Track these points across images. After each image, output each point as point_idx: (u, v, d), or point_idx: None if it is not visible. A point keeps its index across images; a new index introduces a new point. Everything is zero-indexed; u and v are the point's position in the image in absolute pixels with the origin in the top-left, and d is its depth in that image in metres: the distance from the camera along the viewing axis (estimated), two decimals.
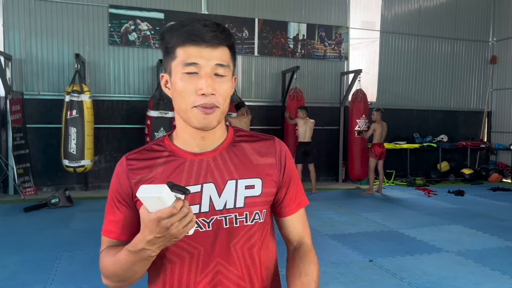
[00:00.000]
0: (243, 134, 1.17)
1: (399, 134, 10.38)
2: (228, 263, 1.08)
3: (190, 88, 1.00)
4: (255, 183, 1.10)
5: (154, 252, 0.96)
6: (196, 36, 1.00)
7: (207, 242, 1.06)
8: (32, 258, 4.23)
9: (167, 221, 0.88)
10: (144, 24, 8.47)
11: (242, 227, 1.08)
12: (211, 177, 1.07)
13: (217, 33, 1.01)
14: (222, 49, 1.02)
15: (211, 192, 1.06)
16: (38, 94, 7.93)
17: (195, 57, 1.00)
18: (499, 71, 11.21)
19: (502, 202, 7.62)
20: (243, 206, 1.08)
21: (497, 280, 3.84)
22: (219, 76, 1.02)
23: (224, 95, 1.03)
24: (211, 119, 1.02)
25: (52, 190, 7.77)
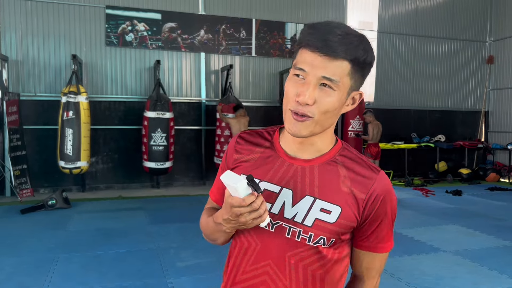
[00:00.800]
0: (349, 156, 1.11)
1: (396, 134, 10.39)
2: (278, 269, 1.10)
3: (292, 91, 1.02)
4: (332, 209, 1.06)
5: (228, 229, 1.07)
6: (315, 42, 0.98)
7: (266, 241, 1.10)
8: (29, 260, 4.21)
9: (237, 209, 0.97)
10: (141, 25, 8.46)
11: (302, 244, 1.07)
12: (293, 184, 1.08)
13: (339, 44, 0.97)
14: (339, 62, 0.97)
15: (286, 198, 1.08)
16: (35, 95, 7.91)
17: (305, 63, 1.00)
18: (496, 71, 11.23)
19: (499, 201, 7.64)
20: (310, 226, 1.06)
21: (494, 280, 3.84)
22: (326, 87, 0.99)
23: (323, 108, 1.00)
24: (300, 127, 1.02)
25: (49, 191, 7.75)
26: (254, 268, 1.12)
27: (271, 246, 1.09)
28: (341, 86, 0.99)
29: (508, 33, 10.81)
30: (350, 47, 0.97)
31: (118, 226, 5.60)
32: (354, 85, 1.03)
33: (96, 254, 4.43)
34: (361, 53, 0.99)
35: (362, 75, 1.03)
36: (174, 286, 3.61)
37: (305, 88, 0.99)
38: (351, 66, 0.99)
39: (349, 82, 1.01)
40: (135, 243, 4.83)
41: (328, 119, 1.03)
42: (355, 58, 0.98)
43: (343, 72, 0.98)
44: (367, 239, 1.11)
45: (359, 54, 0.99)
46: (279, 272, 1.09)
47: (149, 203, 7.14)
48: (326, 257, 1.08)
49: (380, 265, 1.17)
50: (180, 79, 8.84)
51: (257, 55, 9.28)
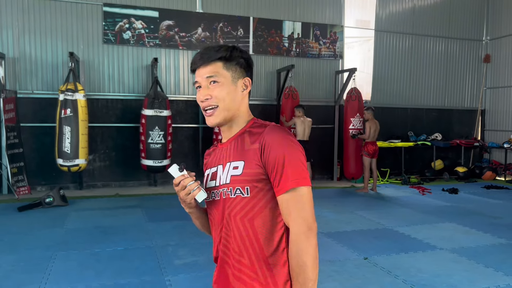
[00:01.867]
0: (254, 125, 1.42)
1: (393, 132, 10.42)
2: (226, 228, 1.40)
3: (198, 99, 1.43)
4: (239, 165, 1.36)
5: (186, 209, 1.48)
6: (192, 66, 1.43)
7: (216, 208, 1.43)
8: (27, 258, 4.21)
9: (175, 188, 1.38)
10: (139, 23, 8.44)
11: (228, 199, 1.38)
12: (222, 160, 1.43)
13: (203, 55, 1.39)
14: (211, 65, 1.38)
15: (219, 171, 1.42)
16: (32, 93, 7.89)
17: (196, 77, 1.42)
18: (492, 70, 11.27)
19: (495, 200, 7.68)
20: (228, 182, 1.37)
21: (490, 277, 3.87)
22: (213, 83, 1.38)
23: (219, 96, 1.38)
24: (211, 118, 1.41)
25: (46, 189, 7.74)
26: (218, 234, 1.43)
27: (218, 211, 1.42)
28: (222, 78, 1.38)
29: (504, 32, 10.85)
30: (213, 52, 1.39)
31: (116, 224, 5.61)
32: (235, 74, 1.40)
33: (93, 252, 4.43)
34: (223, 52, 1.38)
35: (240, 66, 1.41)
36: (172, 283, 3.62)
37: (201, 91, 1.41)
38: (222, 62, 1.38)
39: (228, 73, 1.39)
40: (133, 240, 4.83)
41: (231, 102, 1.40)
42: (221, 57, 1.38)
43: (217, 68, 1.38)
44: (274, 186, 1.32)
45: (222, 53, 1.38)
46: (228, 229, 1.39)
47: (147, 201, 7.14)
48: (248, 204, 1.35)
49: (293, 208, 1.29)
50: (178, 77, 8.83)
51: (255, 53, 9.28)
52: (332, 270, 3.98)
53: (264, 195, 1.34)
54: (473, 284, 3.69)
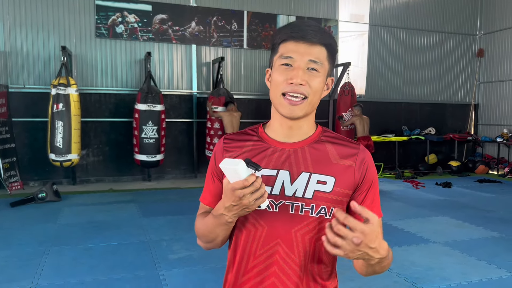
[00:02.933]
0: (331, 135, 1.25)
1: (387, 127, 10.44)
2: (286, 246, 1.17)
3: (282, 78, 1.14)
4: (327, 180, 1.17)
5: (230, 219, 1.11)
6: (297, 33, 1.13)
7: (271, 222, 1.17)
8: (19, 253, 4.19)
9: (240, 191, 1.02)
10: (132, 16, 8.37)
11: (306, 217, 1.16)
12: (288, 165, 1.18)
13: (316, 32, 1.13)
14: (318, 47, 1.13)
15: (284, 179, 1.17)
16: (24, 87, 7.81)
17: (292, 51, 1.13)
18: (486, 64, 11.32)
19: (488, 193, 7.73)
20: (311, 197, 1.16)
21: (483, 270, 3.90)
22: (312, 70, 1.13)
23: (314, 88, 1.14)
24: (295, 108, 1.14)
25: (39, 184, 7.69)
26: (264, 251, 1.18)
27: (277, 225, 1.17)
28: (323, 68, 1.15)
29: (498, 26, 10.88)
30: (324, 35, 1.14)
31: (109, 219, 5.58)
32: (330, 69, 1.19)
33: (87, 247, 4.41)
34: (332, 40, 1.17)
35: (333, 61, 1.19)
36: (166, 278, 3.62)
37: (296, 72, 1.12)
38: (326, 51, 1.15)
39: (328, 66, 1.17)
40: (127, 235, 4.82)
41: (317, 99, 1.18)
42: (329, 44, 1.16)
43: (323, 56, 1.15)
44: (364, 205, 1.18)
45: (331, 41, 1.16)
46: (287, 248, 1.17)
47: (140, 196, 7.12)
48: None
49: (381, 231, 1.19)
50: (171, 71, 8.79)
51: (249, 48, 9.24)
52: None
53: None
54: (465, 277, 3.71)
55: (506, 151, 10.51)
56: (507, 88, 10.75)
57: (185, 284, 3.51)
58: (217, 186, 1.26)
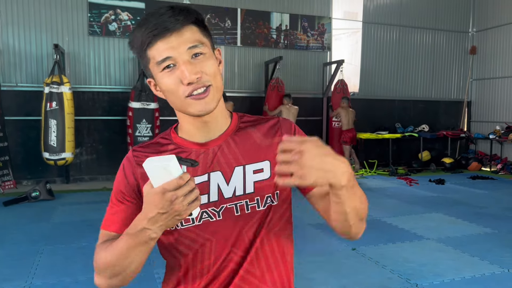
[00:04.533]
0: (248, 120, 1.14)
1: (381, 124, 10.48)
2: (240, 250, 1.05)
3: (173, 82, 0.97)
4: (263, 166, 1.06)
5: (154, 233, 0.91)
6: (158, 29, 0.95)
7: (219, 231, 1.04)
8: (13, 253, 4.16)
9: (172, 193, 0.85)
10: (125, 14, 8.33)
11: (254, 213, 1.05)
12: (217, 165, 1.05)
13: (175, 15, 0.96)
14: (188, 29, 0.98)
15: (218, 181, 1.04)
16: (16, 86, 7.75)
17: (164, 51, 0.96)
18: (478, 62, 11.38)
19: (481, 190, 7.78)
20: (253, 191, 1.04)
21: (476, 266, 3.93)
22: (198, 55, 0.98)
23: (211, 72, 0.99)
24: (206, 102, 0.99)
25: (32, 183, 7.64)
26: (219, 263, 1.05)
27: (225, 232, 1.04)
28: (206, 47, 1.00)
29: (490, 24, 10.94)
30: (185, 13, 0.97)
31: (103, 217, 5.55)
32: (211, 43, 1.04)
33: (80, 246, 4.39)
34: (194, 13, 1.00)
35: (208, 31, 1.04)
36: (161, 276, 3.61)
37: (183, 68, 0.96)
38: (197, 27, 1.00)
39: (208, 41, 1.02)
40: None
41: (220, 80, 1.02)
42: (196, 19, 1.00)
43: (198, 34, 0.99)
44: None
45: (194, 14, 1.00)
46: (242, 251, 1.05)
47: None
48: (277, 213, 1.08)
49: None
50: None
51: (243, 45, 9.23)
52: (320, 261, 4.01)
53: (285, 197, 1.10)
54: (459, 273, 3.74)
55: (499, 147, 10.59)
56: (499, 85, 10.82)
57: None
58: (130, 207, 1.07)
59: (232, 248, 1.04)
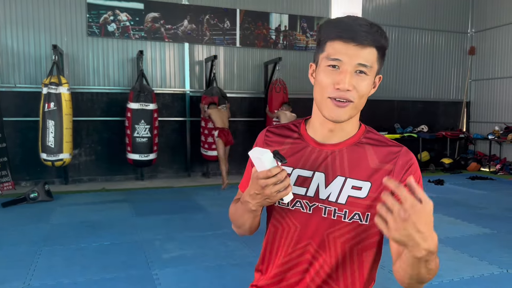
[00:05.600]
0: (372, 137, 1.22)
1: (380, 124, 10.47)
2: (318, 247, 1.19)
3: (329, 81, 1.10)
4: (363, 186, 1.15)
5: (254, 207, 1.13)
6: (346, 33, 1.07)
7: (304, 222, 1.19)
8: (11, 254, 4.15)
9: (263, 181, 1.04)
10: (124, 15, 8.33)
11: (339, 222, 1.16)
12: (324, 168, 1.18)
13: (367, 33, 1.08)
14: (369, 49, 1.09)
15: (319, 181, 1.17)
16: (14, 87, 7.74)
17: (340, 53, 1.08)
18: (477, 62, 11.38)
19: (480, 190, 7.78)
20: (344, 203, 1.15)
21: (475, 266, 3.92)
22: (361, 73, 1.09)
23: (361, 92, 1.10)
24: (341, 112, 1.11)
25: (31, 184, 7.63)
26: (296, 249, 1.21)
27: (310, 226, 1.19)
28: (372, 71, 1.12)
29: (489, 24, 10.95)
30: (376, 36, 1.09)
31: (102, 218, 5.55)
32: (379, 69, 1.16)
33: (79, 247, 4.38)
34: (383, 40, 1.12)
35: (383, 60, 1.16)
36: (159, 277, 3.60)
37: (343, 76, 1.08)
38: (377, 52, 1.11)
39: (377, 67, 1.14)
40: (119, 235, 4.79)
41: (363, 102, 1.15)
42: (380, 45, 1.11)
43: (373, 58, 1.11)
44: None
45: (383, 41, 1.12)
46: (320, 249, 1.19)
47: (133, 195, 7.08)
48: (363, 233, 1.17)
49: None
50: (164, 70, 8.75)
51: (242, 46, 9.23)
52: None
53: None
54: (458, 273, 3.73)
55: (498, 148, 10.59)
56: (498, 85, 10.82)
57: (179, 283, 3.50)
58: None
59: (310, 241, 1.19)
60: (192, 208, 6.22)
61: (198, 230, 5.00)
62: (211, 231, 4.91)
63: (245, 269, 3.80)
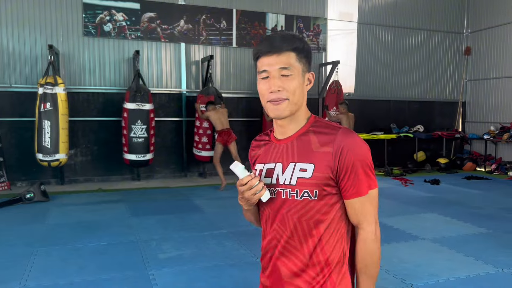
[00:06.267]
0: (319, 125, 1.41)
1: (376, 124, 10.51)
2: (282, 226, 1.40)
3: (264, 88, 1.36)
4: (307, 167, 1.35)
5: (245, 206, 1.45)
6: (264, 48, 1.34)
7: (272, 206, 1.42)
8: (7, 255, 4.13)
9: (240, 188, 1.36)
10: (120, 15, 8.31)
11: (293, 201, 1.37)
12: (281, 158, 1.41)
13: (281, 41, 1.33)
14: (286, 54, 1.33)
15: (278, 170, 1.41)
16: (10, 87, 7.71)
17: (264, 65, 1.35)
18: (473, 62, 11.43)
19: (475, 190, 7.82)
20: (295, 184, 1.36)
21: (470, 266, 3.94)
22: (285, 76, 1.33)
23: (291, 90, 1.33)
24: (279, 108, 1.35)
25: (26, 184, 7.61)
26: (271, 231, 1.44)
27: (275, 209, 1.41)
28: (295, 70, 1.34)
29: (484, 24, 11.00)
30: (289, 42, 1.33)
31: (98, 218, 5.54)
32: (304, 68, 1.37)
33: (75, 247, 4.37)
34: (298, 43, 1.35)
35: (306, 59, 1.37)
36: (156, 277, 3.60)
37: (272, 81, 1.33)
38: (295, 54, 1.34)
39: (300, 66, 1.35)
40: (116, 235, 4.78)
41: (299, 97, 1.36)
42: (296, 48, 1.34)
43: (292, 59, 1.33)
44: (346, 190, 1.34)
45: (297, 44, 1.35)
46: (283, 228, 1.40)
47: (130, 196, 7.07)
48: (314, 208, 1.35)
49: (366, 210, 1.35)
50: (160, 70, 8.74)
51: (238, 46, 9.23)
52: None
53: (331, 199, 1.36)
54: (453, 273, 3.75)
55: (493, 148, 10.64)
56: (493, 85, 10.87)
57: (175, 284, 3.50)
58: None
59: (277, 222, 1.41)
60: (188, 208, 6.22)
61: (195, 230, 4.99)
62: (207, 231, 4.91)
63: (242, 269, 3.80)
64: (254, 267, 3.80)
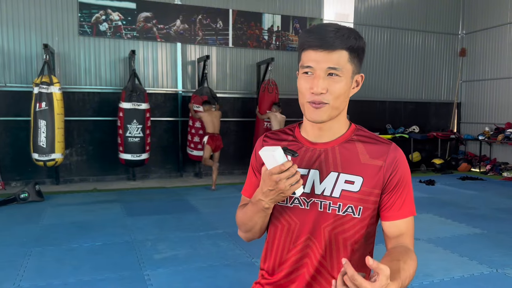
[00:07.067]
0: (363, 134, 1.30)
1: (372, 125, 10.52)
2: (316, 240, 1.25)
3: (305, 86, 1.21)
4: (355, 180, 1.22)
5: (267, 204, 1.19)
6: (314, 42, 1.16)
7: (303, 218, 1.26)
8: (1, 255, 4.11)
9: (277, 176, 1.10)
10: (116, 14, 8.29)
11: (333, 215, 1.22)
12: (318, 165, 1.25)
13: (335, 38, 1.15)
14: (338, 52, 1.16)
15: (315, 178, 1.25)
16: (5, 86, 7.67)
17: (310, 60, 1.18)
18: (468, 64, 11.48)
19: (470, 190, 7.85)
20: (338, 196, 1.22)
21: (465, 266, 3.96)
22: (333, 76, 1.17)
23: (335, 94, 1.18)
24: (319, 113, 1.20)
25: (21, 184, 7.57)
26: (297, 244, 1.27)
27: (307, 221, 1.25)
28: (345, 72, 1.18)
29: (479, 26, 11.05)
30: (343, 38, 1.16)
31: (93, 219, 5.52)
32: (355, 69, 1.22)
33: (70, 248, 4.35)
34: (353, 41, 1.18)
35: (359, 59, 1.22)
36: (151, 278, 3.59)
37: (316, 81, 1.17)
38: (348, 53, 1.18)
39: (350, 67, 1.20)
40: (111, 235, 4.77)
41: (342, 102, 1.22)
42: (350, 47, 1.17)
43: (344, 59, 1.17)
44: (391, 209, 1.24)
45: (352, 42, 1.17)
46: (317, 243, 1.25)
47: (125, 196, 7.05)
48: (355, 226, 1.23)
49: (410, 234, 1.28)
50: (156, 70, 8.72)
51: (234, 46, 9.23)
52: None
53: (368, 216, 1.25)
54: (448, 273, 3.76)
55: (488, 148, 10.69)
56: (489, 87, 10.93)
57: (170, 284, 3.49)
58: (257, 179, 1.36)
59: (309, 236, 1.26)
60: (184, 208, 6.21)
61: (190, 230, 4.98)
62: (203, 232, 4.90)
63: (237, 269, 3.80)
64: (249, 268, 3.80)
